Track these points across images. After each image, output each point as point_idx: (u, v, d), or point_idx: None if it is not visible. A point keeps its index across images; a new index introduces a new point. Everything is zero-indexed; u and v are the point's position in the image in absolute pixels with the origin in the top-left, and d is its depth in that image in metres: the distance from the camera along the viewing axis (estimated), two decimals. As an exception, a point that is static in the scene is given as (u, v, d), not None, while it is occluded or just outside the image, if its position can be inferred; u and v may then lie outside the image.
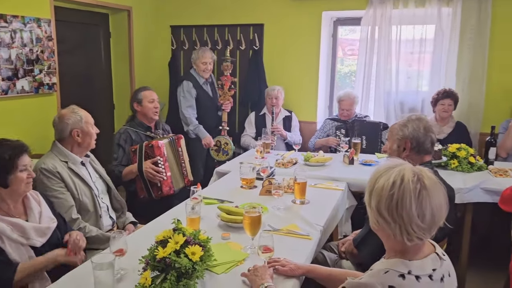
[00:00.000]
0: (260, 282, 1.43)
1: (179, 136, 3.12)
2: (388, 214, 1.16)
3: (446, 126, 3.68)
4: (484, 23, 3.71)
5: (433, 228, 1.17)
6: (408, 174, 1.16)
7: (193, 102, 3.91)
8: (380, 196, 1.18)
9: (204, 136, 3.90)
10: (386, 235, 1.21)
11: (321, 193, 2.55)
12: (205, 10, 4.65)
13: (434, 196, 1.16)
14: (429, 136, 2.00)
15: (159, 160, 2.80)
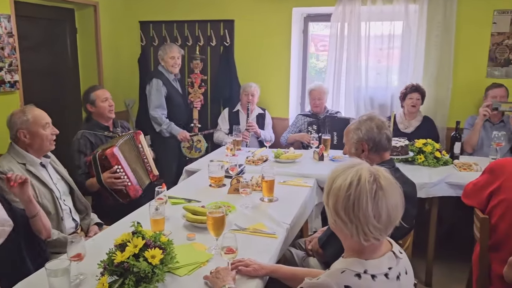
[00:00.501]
0: (222, 284, 1.42)
1: (137, 132, 3.01)
2: (345, 215, 1.16)
3: (413, 120, 3.74)
4: (449, 21, 3.78)
5: (389, 228, 1.18)
6: (365, 174, 1.17)
7: (163, 101, 3.83)
8: (337, 197, 1.18)
9: (178, 132, 3.85)
10: (344, 235, 1.21)
11: (290, 190, 2.56)
12: (175, 6, 4.58)
13: (390, 196, 1.16)
14: (383, 134, 2.02)
15: (118, 169, 2.65)
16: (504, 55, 3.83)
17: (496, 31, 3.81)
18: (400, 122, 3.76)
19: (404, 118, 3.76)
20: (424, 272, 3.02)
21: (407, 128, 3.72)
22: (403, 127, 3.73)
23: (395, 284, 1.19)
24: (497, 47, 3.83)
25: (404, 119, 3.75)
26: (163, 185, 2.13)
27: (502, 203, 2.06)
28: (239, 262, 1.58)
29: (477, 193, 2.22)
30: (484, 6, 3.77)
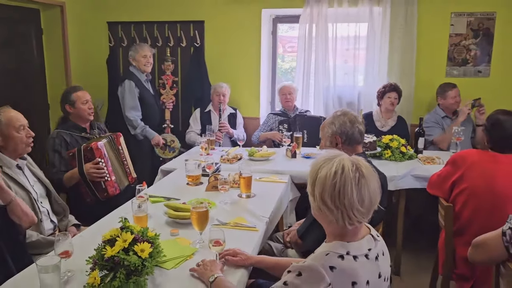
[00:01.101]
0: (210, 274, 1.48)
1: (117, 135, 3.02)
2: (331, 202, 1.25)
3: (390, 120, 3.90)
4: (411, 23, 3.98)
5: (371, 211, 1.28)
6: (348, 164, 1.26)
7: (137, 103, 3.80)
8: (324, 185, 1.26)
9: (153, 136, 3.85)
10: (328, 221, 1.30)
11: (266, 186, 2.64)
12: (144, 7, 4.57)
13: (371, 182, 1.26)
14: (356, 128, 2.13)
15: (100, 162, 2.70)
16: (462, 55, 4.08)
17: (454, 33, 4.05)
18: (377, 120, 3.90)
19: (381, 116, 3.90)
20: (392, 262, 3.17)
21: (384, 126, 3.88)
22: (380, 125, 3.88)
23: (374, 264, 1.29)
24: (455, 47, 4.07)
25: (381, 117, 3.90)
26: (144, 183, 2.15)
27: (465, 191, 2.22)
28: (227, 251, 1.64)
29: (441, 184, 2.39)
30: (442, 9, 4.01)
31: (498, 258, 1.70)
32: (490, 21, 3.96)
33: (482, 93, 3.79)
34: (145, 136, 3.83)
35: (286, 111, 4.15)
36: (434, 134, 3.71)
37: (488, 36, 3.99)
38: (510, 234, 1.63)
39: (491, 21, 3.96)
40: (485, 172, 2.17)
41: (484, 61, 4.04)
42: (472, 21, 3.99)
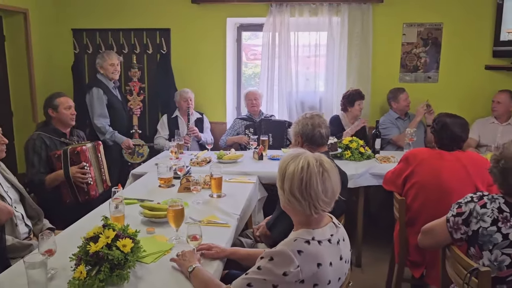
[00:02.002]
0: (189, 265, 1.60)
1: (98, 143, 3.15)
2: (300, 194, 1.42)
3: (356, 123, 4.13)
4: (367, 32, 4.26)
5: (333, 201, 1.46)
6: (312, 160, 1.44)
7: (105, 110, 3.85)
8: (292, 180, 1.43)
9: (122, 141, 3.90)
10: (296, 212, 1.47)
11: (235, 187, 2.78)
12: (109, 14, 4.61)
13: (333, 176, 1.44)
14: (317, 131, 2.32)
15: (86, 166, 2.83)
16: (413, 62, 4.40)
17: (406, 41, 4.37)
18: (346, 124, 4.10)
19: (348, 120, 4.11)
20: (354, 255, 3.40)
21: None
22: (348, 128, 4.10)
23: (336, 248, 1.47)
24: (407, 55, 4.39)
25: (349, 122, 4.12)
26: (119, 185, 2.24)
27: (415, 185, 2.47)
28: (201, 246, 1.77)
29: (395, 180, 2.62)
30: (395, 20, 4.32)
31: (443, 242, 1.92)
32: (438, 31, 4.31)
33: (431, 97, 4.12)
34: (114, 141, 3.88)
35: (252, 116, 4.31)
36: (392, 134, 4.01)
37: (436, 45, 4.33)
38: (453, 221, 1.85)
39: (438, 31, 4.31)
40: (433, 168, 2.42)
41: (433, 68, 4.38)
42: (422, 31, 4.32)
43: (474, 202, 1.81)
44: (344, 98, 4.08)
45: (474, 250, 1.79)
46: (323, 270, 1.39)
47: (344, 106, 4.08)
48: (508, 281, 1.72)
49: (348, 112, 4.07)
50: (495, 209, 1.75)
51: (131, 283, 1.55)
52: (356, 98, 4.00)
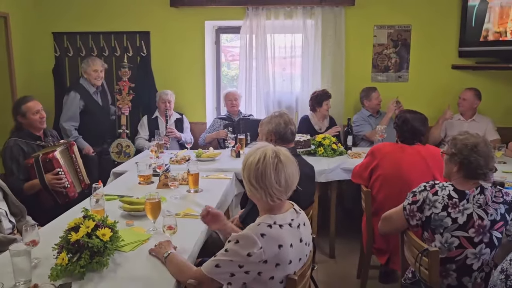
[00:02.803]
0: (164, 251, 1.73)
1: (71, 143, 3.19)
2: (256, 182, 1.57)
3: (325, 121, 4.32)
4: (339, 34, 4.45)
5: (288, 190, 1.60)
6: (269, 152, 1.59)
7: (76, 114, 3.95)
8: (250, 170, 1.59)
9: (84, 147, 3.95)
10: (257, 199, 1.62)
11: (212, 183, 2.92)
12: (89, 17, 4.70)
13: (287, 167, 1.59)
14: (289, 129, 2.47)
15: (60, 172, 2.87)
16: (384, 63, 4.60)
17: (377, 43, 4.56)
18: (315, 123, 4.27)
19: (317, 120, 4.29)
20: (328, 247, 3.56)
21: (321, 128, 4.27)
22: (318, 128, 4.26)
23: (296, 232, 1.62)
24: (378, 56, 4.59)
25: (318, 121, 4.29)
26: (99, 182, 2.35)
27: (379, 178, 2.64)
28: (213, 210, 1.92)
29: (362, 173, 2.80)
30: (366, 22, 4.51)
31: (401, 228, 2.10)
32: (407, 33, 4.51)
33: (402, 95, 4.31)
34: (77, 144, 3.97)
35: (231, 115, 4.45)
36: (365, 130, 4.21)
37: (405, 45, 4.54)
38: (409, 209, 2.02)
39: (407, 32, 4.51)
40: (395, 161, 2.60)
41: (403, 68, 4.58)
42: (392, 32, 4.53)
43: (427, 190, 1.99)
44: (312, 99, 4.25)
45: (428, 234, 1.97)
46: (284, 251, 1.54)
47: (312, 106, 4.25)
48: (457, 261, 1.90)
49: (317, 112, 4.24)
50: (445, 196, 1.93)
51: (111, 269, 1.67)
52: (323, 99, 4.17)
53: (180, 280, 1.61)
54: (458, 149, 1.95)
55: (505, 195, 1.91)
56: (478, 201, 1.88)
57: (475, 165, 1.90)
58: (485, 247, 1.86)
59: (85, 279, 1.59)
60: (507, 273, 1.25)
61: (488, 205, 1.87)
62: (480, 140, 1.95)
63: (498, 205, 1.88)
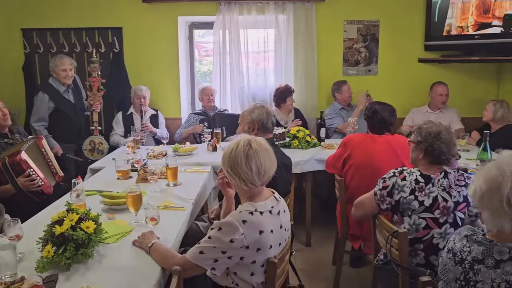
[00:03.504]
0: (148, 241, 1.79)
1: (39, 137, 3.16)
2: (231, 170, 1.68)
3: (290, 115, 4.42)
4: (311, 29, 4.56)
5: (262, 176, 1.68)
6: (243, 141, 1.69)
7: (45, 115, 3.96)
8: (225, 159, 1.70)
9: (53, 147, 3.92)
10: (236, 187, 1.71)
11: (191, 176, 2.97)
12: (59, 13, 4.62)
13: (260, 155, 1.68)
14: (270, 119, 2.57)
15: (31, 172, 2.81)
16: (354, 57, 4.74)
17: (347, 37, 4.70)
18: (281, 118, 4.37)
19: (282, 115, 4.38)
20: (304, 236, 3.68)
21: (287, 123, 4.37)
22: (284, 122, 4.36)
23: (276, 218, 1.71)
24: (349, 50, 4.73)
25: (284, 116, 4.39)
26: (79, 177, 2.37)
27: (352, 167, 2.77)
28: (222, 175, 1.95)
29: (335, 163, 2.91)
30: (336, 17, 4.64)
31: (372, 213, 2.22)
32: (375, 28, 4.67)
33: (372, 88, 4.45)
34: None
35: (206, 110, 4.50)
36: (337, 123, 4.35)
37: (374, 40, 4.70)
38: (380, 194, 2.15)
39: (376, 27, 4.67)
40: (366, 150, 2.73)
41: (373, 62, 4.74)
42: (361, 27, 4.67)
43: (396, 176, 2.11)
44: (275, 96, 4.33)
45: (397, 217, 2.10)
46: (265, 236, 1.62)
47: (277, 102, 4.34)
48: (424, 241, 2.03)
49: (281, 107, 4.34)
50: (412, 180, 2.06)
51: (96, 260, 1.72)
52: (287, 95, 4.27)
53: (165, 267, 1.67)
54: (423, 137, 2.08)
55: (467, 178, 2.06)
56: (442, 185, 2.02)
57: (438, 151, 2.03)
58: (449, 227, 2.00)
59: (71, 270, 1.63)
60: (454, 251, 1.37)
61: (451, 188, 2.01)
62: (443, 128, 2.09)
63: (461, 188, 2.02)
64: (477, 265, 1.27)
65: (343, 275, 3.00)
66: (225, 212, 1.97)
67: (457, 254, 1.35)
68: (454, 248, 1.38)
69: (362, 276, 3.14)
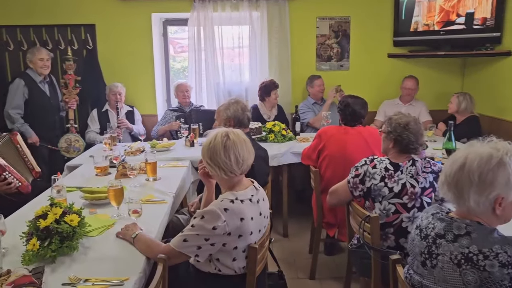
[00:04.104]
0: (132, 232, 1.84)
1: (14, 133, 3.12)
2: (210, 161, 1.76)
3: (273, 110, 4.51)
4: (284, 26, 4.65)
5: (240, 165, 1.76)
6: (220, 133, 1.78)
7: (21, 102, 3.96)
8: (205, 150, 1.78)
9: (31, 136, 3.94)
10: (216, 177, 1.78)
11: (170, 171, 3.02)
12: (30, 10, 4.55)
13: (237, 145, 1.76)
14: (245, 114, 2.65)
15: (7, 176, 2.74)
16: (327, 52, 4.87)
17: (320, 34, 4.82)
18: (264, 112, 4.45)
19: (265, 109, 4.47)
20: (282, 227, 3.79)
21: (270, 117, 4.46)
22: (266, 117, 4.45)
23: (256, 206, 1.79)
24: (321, 46, 4.85)
25: (267, 110, 4.47)
26: (58, 173, 2.39)
27: (326, 158, 2.88)
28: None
29: (310, 154, 3.02)
30: (309, 14, 4.75)
31: (345, 200, 2.34)
32: (347, 24, 4.81)
33: (344, 83, 4.60)
34: (23, 133, 3.92)
35: (182, 106, 4.54)
36: (309, 117, 4.45)
37: (346, 36, 4.84)
38: (352, 182, 2.26)
39: (347, 23, 4.81)
40: (339, 142, 2.85)
41: (345, 57, 4.89)
42: (333, 24, 4.80)
43: (367, 164, 2.24)
44: (260, 89, 4.43)
45: (369, 203, 2.22)
46: (246, 223, 1.71)
47: (261, 96, 4.44)
48: (394, 225, 2.16)
49: (265, 101, 4.43)
50: (382, 168, 2.19)
51: (81, 252, 1.76)
52: (271, 88, 4.36)
53: (150, 256, 1.73)
54: (392, 127, 2.21)
55: (433, 165, 2.20)
56: (410, 172, 2.15)
57: (407, 141, 2.16)
58: (417, 211, 2.13)
59: (57, 263, 1.67)
60: (420, 227, 1.49)
61: (418, 174, 2.15)
62: (411, 119, 2.22)
63: (427, 175, 2.16)
64: (439, 240, 1.39)
65: (319, 263, 3.12)
66: (206, 202, 2.04)
67: (423, 230, 1.47)
68: (421, 225, 1.50)
69: (337, 262, 3.27)
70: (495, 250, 1.28)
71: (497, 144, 1.39)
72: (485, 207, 1.35)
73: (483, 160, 1.34)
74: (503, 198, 1.34)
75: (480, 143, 1.41)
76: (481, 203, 1.34)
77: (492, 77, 4.35)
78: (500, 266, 1.26)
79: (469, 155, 1.37)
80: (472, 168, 1.34)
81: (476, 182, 1.33)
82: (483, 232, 1.33)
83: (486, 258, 1.28)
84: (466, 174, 1.35)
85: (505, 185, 1.33)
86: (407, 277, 1.51)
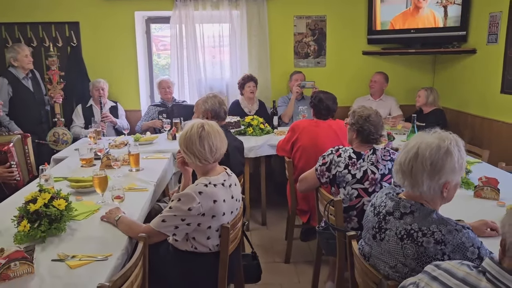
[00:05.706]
0: (115, 215, 2.01)
1: (26, 135, 3.26)
2: (187, 150, 1.94)
3: (254, 104, 4.69)
4: (263, 24, 4.84)
5: (213, 154, 1.94)
6: (196, 124, 1.96)
7: (5, 100, 4.01)
8: (182, 139, 1.96)
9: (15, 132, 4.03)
10: (192, 164, 1.96)
11: (152, 162, 3.19)
12: (14, 7, 4.65)
13: (211, 136, 1.95)
14: (222, 108, 2.83)
15: (12, 165, 2.92)
16: (304, 50, 5.07)
17: (297, 32, 5.02)
18: (245, 106, 4.64)
19: (246, 103, 4.66)
20: (260, 216, 3.99)
21: (250, 111, 4.65)
22: (247, 110, 4.63)
23: (228, 189, 1.98)
24: (299, 44, 5.05)
25: (248, 104, 4.66)
26: (46, 164, 2.53)
27: (299, 149, 3.08)
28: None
29: (284, 146, 3.22)
30: (286, 12, 4.94)
31: (314, 186, 2.54)
32: (323, 22, 5.02)
33: (321, 79, 4.82)
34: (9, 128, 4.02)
35: (165, 102, 4.69)
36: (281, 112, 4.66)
37: (322, 34, 5.04)
38: (320, 169, 2.47)
39: (323, 22, 5.02)
40: (311, 134, 3.06)
41: (321, 54, 5.09)
42: (310, 22, 5.01)
43: (333, 153, 2.44)
44: (238, 83, 4.63)
45: (334, 188, 2.43)
46: (218, 205, 1.90)
47: (240, 90, 4.64)
48: (356, 208, 2.37)
49: (243, 95, 4.63)
50: (346, 157, 2.39)
51: (68, 233, 1.92)
52: (245, 82, 4.55)
53: (132, 236, 1.91)
54: (355, 119, 2.41)
55: (392, 154, 2.41)
56: (371, 160, 2.36)
57: (368, 132, 2.38)
58: (377, 196, 2.35)
59: (46, 242, 1.83)
60: (374, 205, 1.70)
61: (378, 162, 2.36)
62: (372, 112, 2.43)
63: (387, 162, 2.37)
64: (388, 217, 1.59)
65: (295, 248, 3.33)
66: (183, 187, 2.22)
67: (376, 207, 1.67)
68: (375, 203, 1.70)
69: (311, 247, 3.48)
70: (432, 229, 1.47)
71: (441, 134, 1.57)
72: (435, 191, 1.52)
73: (433, 149, 1.51)
74: (449, 182, 1.51)
75: (427, 134, 1.58)
76: (432, 187, 1.51)
77: (459, 73, 4.61)
78: (435, 243, 1.45)
79: (421, 145, 1.53)
80: (425, 157, 1.50)
81: (428, 169, 1.50)
82: (424, 212, 1.52)
83: (424, 235, 1.47)
84: (420, 162, 1.51)
85: (451, 171, 1.51)
86: (360, 248, 1.72)
